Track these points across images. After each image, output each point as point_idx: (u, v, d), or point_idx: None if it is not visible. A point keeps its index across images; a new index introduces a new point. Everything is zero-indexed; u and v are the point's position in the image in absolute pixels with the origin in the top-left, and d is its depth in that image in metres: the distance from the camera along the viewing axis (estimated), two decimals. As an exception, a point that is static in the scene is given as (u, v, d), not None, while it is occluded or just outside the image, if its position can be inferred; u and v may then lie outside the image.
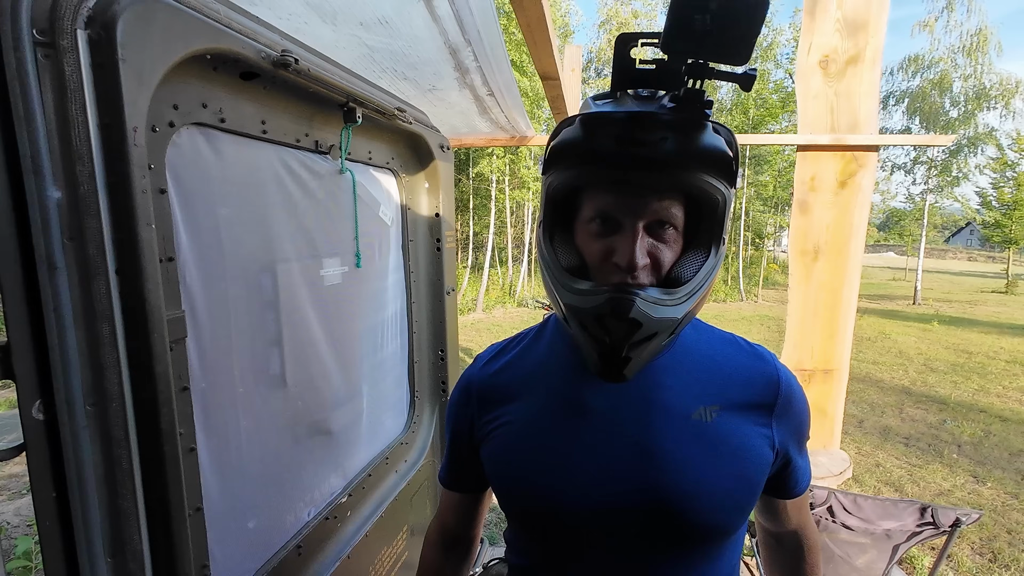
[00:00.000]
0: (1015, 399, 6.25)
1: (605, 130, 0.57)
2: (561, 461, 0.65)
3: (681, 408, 0.65)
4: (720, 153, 0.57)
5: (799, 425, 0.70)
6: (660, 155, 0.55)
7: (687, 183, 0.57)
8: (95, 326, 0.65)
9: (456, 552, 0.86)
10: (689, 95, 0.54)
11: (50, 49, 0.60)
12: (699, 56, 0.49)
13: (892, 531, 1.85)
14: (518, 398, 0.71)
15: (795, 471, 0.73)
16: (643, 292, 0.56)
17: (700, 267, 0.60)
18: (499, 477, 0.71)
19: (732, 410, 0.65)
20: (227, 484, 0.95)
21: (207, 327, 0.90)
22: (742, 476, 0.64)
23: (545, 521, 0.67)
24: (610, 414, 0.65)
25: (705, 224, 0.61)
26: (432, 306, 1.77)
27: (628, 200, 0.58)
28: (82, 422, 0.65)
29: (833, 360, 2.91)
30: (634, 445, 0.63)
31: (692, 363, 0.68)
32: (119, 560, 0.69)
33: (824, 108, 2.78)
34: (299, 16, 1.17)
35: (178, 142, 0.83)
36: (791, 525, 0.80)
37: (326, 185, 1.22)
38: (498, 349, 0.78)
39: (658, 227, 0.59)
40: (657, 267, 0.60)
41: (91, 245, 0.64)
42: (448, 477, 0.83)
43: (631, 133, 0.55)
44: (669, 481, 0.62)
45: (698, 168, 0.57)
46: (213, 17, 0.80)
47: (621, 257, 0.57)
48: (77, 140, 0.62)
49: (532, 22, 1.23)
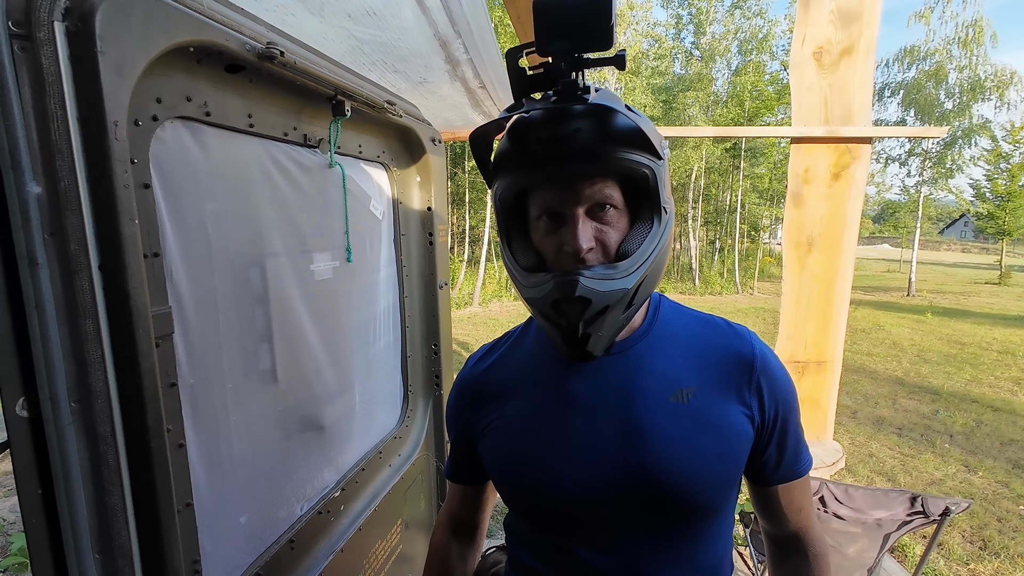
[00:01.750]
0: (1007, 389, 6.31)
1: (527, 134, 0.61)
2: (552, 449, 0.69)
3: (662, 390, 0.68)
4: (633, 129, 0.60)
5: (781, 397, 0.71)
6: (578, 144, 0.59)
7: (611, 164, 0.61)
8: (78, 322, 0.65)
9: (463, 535, 0.90)
10: (566, 86, 0.58)
11: (27, 42, 0.59)
12: (572, 50, 0.56)
13: (883, 520, 1.87)
14: (509, 394, 0.75)
15: (783, 448, 0.72)
16: (586, 271, 0.60)
17: (644, 238, 0.64)
18: (497, 469, 0.75)
19: (711, 388, 0.68)
20: (218, 479, 0.95)
21: (195, 323, 0.89)
22: (723, 452, 0.67)
23: (541, 507, 0.70)
24: (595, 401, 0.69)
25: (642, 198, 0.65)
26: (425, 300, 1.77)
27: (563, 192, 0.62)
28: (67, 419, 0.64)
29: (826, 352, 2.92)
30: (618, 428, 0.67)
31: (672, 346, 0.71)
32: (107, 556, 0.69)
33: (818, 100, 2.78)
34: (286, 8, 1.16)
35: (162, 136, 0.82)
36: (791, 525, 0.77)
37: (315, 179, 1.21)
38: (487, 349, 0.83)
39: (599, 210, 0.63)
40: (606, 247, 0.63)
41: (73, 241, 0.64)
42: (452, 471, 0.87)
43: (546, 131, 0.60)
44: (652, 460, 0.65)
45: (617, 147, 0.60)
46: (196, 8, 0.79)
47: (568, 244, 0.61)
48: (56, 134, 0.61)
49: (523, 14, 1.22)
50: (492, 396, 0.76)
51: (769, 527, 0.80)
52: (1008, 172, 17.83)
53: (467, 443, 0.80)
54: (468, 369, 0.82)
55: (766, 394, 0.70)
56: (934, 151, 16.14)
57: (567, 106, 0.59)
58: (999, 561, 3.00)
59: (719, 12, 18.61)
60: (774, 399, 0.70)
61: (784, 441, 0.72)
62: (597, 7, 0.52)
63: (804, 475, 0.75)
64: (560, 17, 0.53)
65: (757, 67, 17.87)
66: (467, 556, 0.91)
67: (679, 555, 0.69)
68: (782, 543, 0.79)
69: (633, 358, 0.70)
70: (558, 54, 0.57)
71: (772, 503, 0.76)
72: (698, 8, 18.70)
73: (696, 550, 0.70)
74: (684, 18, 19.31)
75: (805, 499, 0.77)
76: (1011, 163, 17.76)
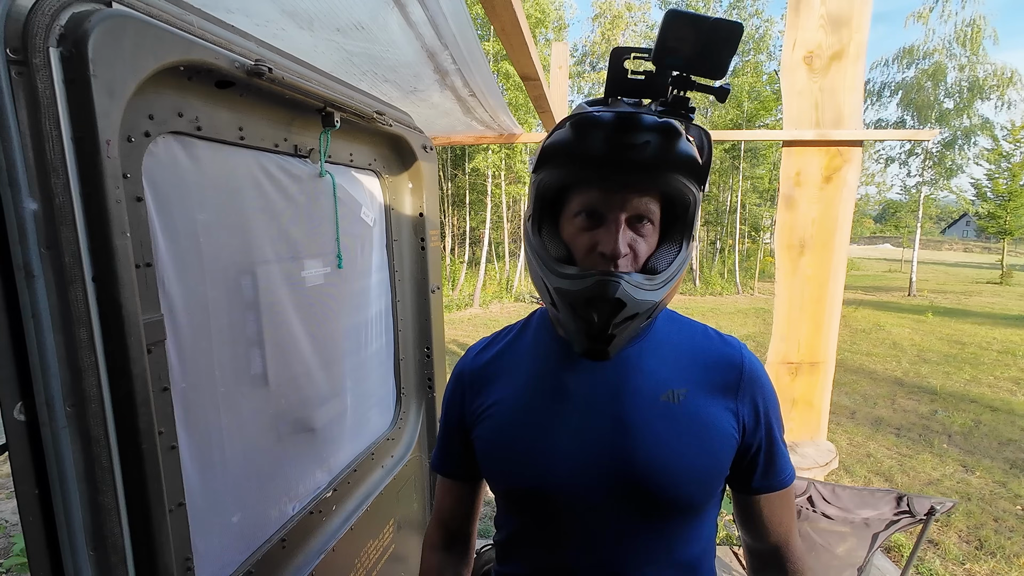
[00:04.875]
0: (1006, 389, 6.31)
1: (596, 132, 0.62)
2: (544, 440, 0.71)
3: (653, 390, 0.70)
4: (693, 159, 0.64)
5: (765, 405, 0.74)
6: (644, 157, 0.61)
7: (665, 183, 0.64)
8: (73, 331, 0.68)
9: (454, 551, 0.90)
10: (676, 101, 0.60)
11: (23, 67, 0.62)
12: (684, 70, 0.56)
13: (870, 520, 1.90)
14: (506, 384, 0.77)
15: (768, 456, 0.74)
16: (627, 276, 0.62)
17: (674, 259, 0.67)
18: (488, 457, 0.77)
19: (700, 392, 0.71)
20: (210, 480, 0.99)
21: (188, 329, 0.93)
22: (708, 452, 0.69)
23: (529, 497, 0.73)
24: (589, 396, 0.71)
25: (678, 221, 0.68)
26: (417, 304, 1.80)
27: (613, 196, 0.64)
28: (62, 422, 0.68)
29: (819, 353, 2.94)
30: (609, 424, 0.69)
31: (665, 350, 0.74)
32: (101, 553, 0.72)
33: (809, 103, 2.80)
34: (275, 23, 1.19)
35: (154, 151, 0.85)
36: (771, 539, 0.77)
37: (306, 188, 1.25)
38: (488, 341, 0.86)
39: (637, 221, 0.66)
40: (636, 257, 0.66)
41: (67, 253, 0.67)
42: (441, 462, 0.87)
43: (620, 136, 0.61)
44: (640, 456, 0.68)
45: (675, 171, 0.63)
46: (185, 29, 0.83)
47: (605, 246, 0.63)
48: (51, 153, 0.65)
49: (507, 26, 1.25)
50: (490, 386, 0.78)
51: (750, 540, 0.81)
52: (1009, 171, 17.79)
53: (461, 431, 0.82)
54: (469, 360, 0.84)
55: (753, 401, 0.73)
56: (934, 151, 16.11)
57: (643, 116, 0.61)
58: (995, 561, 3.01)
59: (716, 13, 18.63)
60: (760, 407, 0.73)
61: (770, 450, 0.74)
62: (728, 37, 0.52)
63: (787, 487, 0.76)
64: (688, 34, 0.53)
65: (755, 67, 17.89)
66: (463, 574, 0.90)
67: (658, 551, 0.71)
68: (762, 557, 0.80)
69: (628, 359, 0.72)
70: (672, 68, 0.56)
71: (754, 514, 0.77)
72: (696, 9, 18.72)
73: (675, 548, 0.72)
74: (683, 19, 19.30)
75: (787, 514, 0.78)
76: (1012, 162, 17.73)
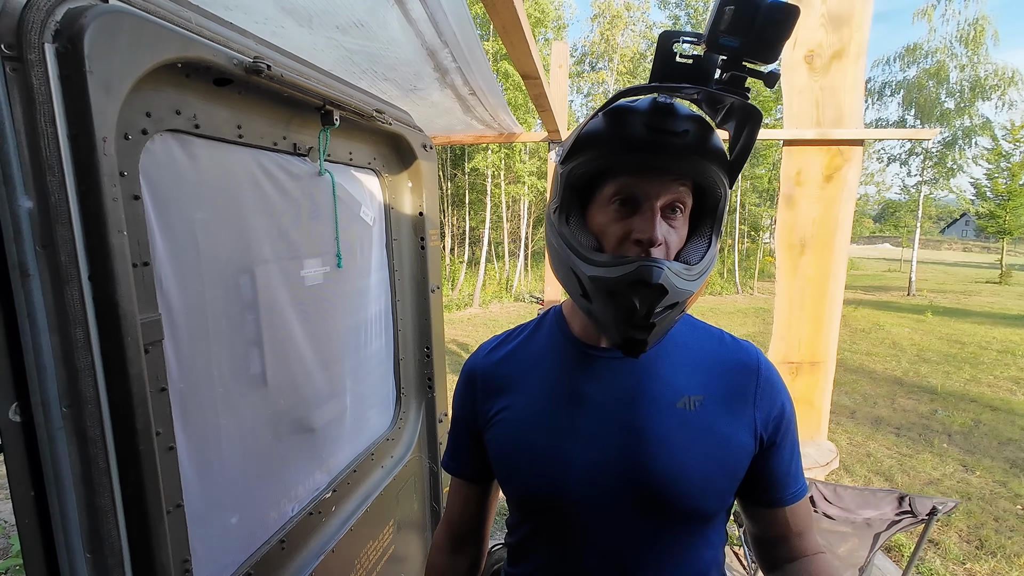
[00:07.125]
0: (1006, 388, 6.30)
1: (636, 118, 0.61)
2: (558, 445, 0.70)
3: (669, 397, 0.69)
4: (724, 154, 0.64)
5: (782, 413, 0.72)
6: (684, 143, 0.61)
7: (702, 173, 0.63)
8: (69, 330, 0.67)
9: (462, 555, 0.87)
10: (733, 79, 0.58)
11: (18, 63, 0.61)
12: (737, 54, 0.55)
13: (872, 520, 1.89)
14: (519, 387, 0.76)
15: (783, 467, 0.73)
16: (668, 263, 0.60)
17: (705, 253, 0.66)
18: (501, 461, 0.76)
19: (716, 400, 0.70)
20: (208, 481, 0.98)
21: (186, 329, 0.92)
22: (723, 462, 0.68)
23: (542, 502, 0.72)
24: (604, 402, 0.70)
25: (707, 216, 0.68)
26: (417, 304, 1.79)
27: (651, 182, 0.62)
28: (58, 423, 0.67)
29: (819, 352, 2.93)
30: (624, 430, 0.68)
31: (680, 356, 0.73)
32: (98, 556, 0.71)
33: (809, 103, 2.80)
34: (274, 20, 1.18)
35: (152, 149, 0.84)
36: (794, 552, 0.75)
37: (305, 187, 1.24)
38: (500, 339, 0.84)
39: (670, 211, 0.64)
40: (669, 247, 0.64)
41: (63, 252, 0.66)
42: (453, 463, 0.86)
43: (660, 121, 0.60)
44: (654, 464, 0.66)
45: (712, 161, 0.63)
46: (183, 26, 0.82)
47: (642, 232, 0.62)
48: (47, 151, 0.64)
49: (507, 24, 1.25)
50: (502, 387, 0.77)
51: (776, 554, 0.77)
52: (1008, 171, 17.79)
53: (472, 431, 0.80)
54: (480, 357, 0.82)
55: (769, 408, 0.71)
56: (935, 150, 16.11)
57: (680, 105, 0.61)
58: (995, 561, 3.01)
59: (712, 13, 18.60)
60: (776, 415, 0.72)
61: (785, 458, 0.73)
62: (785, 19, 0.52)
63: (803, 497, 0.75)
64: (744, 15, 0.52)
65: (755, 67, 17.85)
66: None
67: (670, 559, 0.70)
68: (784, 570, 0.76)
69: (643, 363, 0.71)
70: (726, 49, 0.55)
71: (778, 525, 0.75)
72: (695, 9, 18.72)
73: (686, 556, 0.71)
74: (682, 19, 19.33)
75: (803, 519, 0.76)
76: (1011, 162, 17.72)
